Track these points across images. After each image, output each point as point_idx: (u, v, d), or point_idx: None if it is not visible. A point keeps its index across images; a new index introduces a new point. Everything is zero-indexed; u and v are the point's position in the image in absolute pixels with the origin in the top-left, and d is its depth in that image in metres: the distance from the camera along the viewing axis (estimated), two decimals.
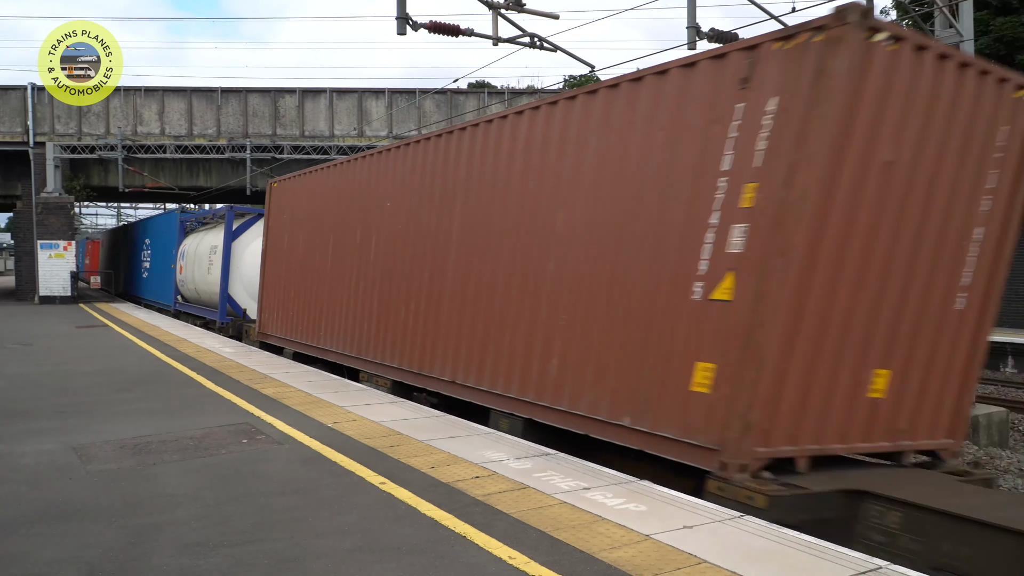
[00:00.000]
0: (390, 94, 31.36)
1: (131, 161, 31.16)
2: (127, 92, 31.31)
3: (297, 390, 11.00)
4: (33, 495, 6.27)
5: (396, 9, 12.62)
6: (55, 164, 30.63)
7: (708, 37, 13.43)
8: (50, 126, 31.00)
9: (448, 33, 13.36)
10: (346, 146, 30.72)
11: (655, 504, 5.88)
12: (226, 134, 31.27)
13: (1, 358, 14.86)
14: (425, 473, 6.76)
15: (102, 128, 31.23)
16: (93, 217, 73.67)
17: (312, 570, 4.73)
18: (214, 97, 31.41)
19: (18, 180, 32.38)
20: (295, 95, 31.40)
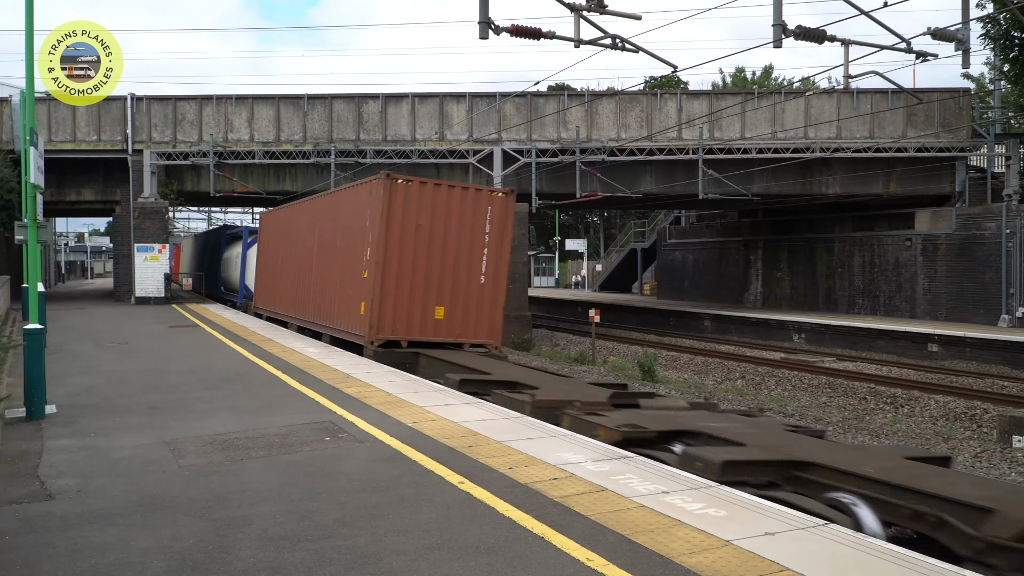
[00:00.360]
0: (471, 98, 31.61)
1: (222, 167, 32.21)
2: (219, 100, 32.39)
3: (378, 390, 11.18)
4: (129, 487, 6.54)
5: (478, 14, 12.70)
6: (151, 170, 31.89)
7: (795, 34, 13.11)
8: (147, 134, 32.30)
9: (530, 36, 13.39)
10: (427, 150, 31.11)
11: (735, 509, 5.76)
12: (312, 139, 32.03)
13: (100, 356, 15.54)
14: (503, 473, 6.78)
15: (195, 135, 32.37)
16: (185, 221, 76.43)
17: (391, 566, 4.79)
18: (301, 104, 32.21)
19: (118, 186, 33.84)
20: (378, 100, 31.95)
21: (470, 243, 16.09)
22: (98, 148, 32.22)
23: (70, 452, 7.73)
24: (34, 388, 9.38)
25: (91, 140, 32.18)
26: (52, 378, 10.95)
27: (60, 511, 5.91)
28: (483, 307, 16.37)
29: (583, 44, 13.53)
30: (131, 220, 32.38)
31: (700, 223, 45.09)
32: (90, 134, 32.18)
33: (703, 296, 41.88)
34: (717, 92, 39.95)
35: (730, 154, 30.48)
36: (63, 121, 31.94)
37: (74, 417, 9.43)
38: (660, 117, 31.26)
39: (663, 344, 29.95)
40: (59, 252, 71.94)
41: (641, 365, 21.94)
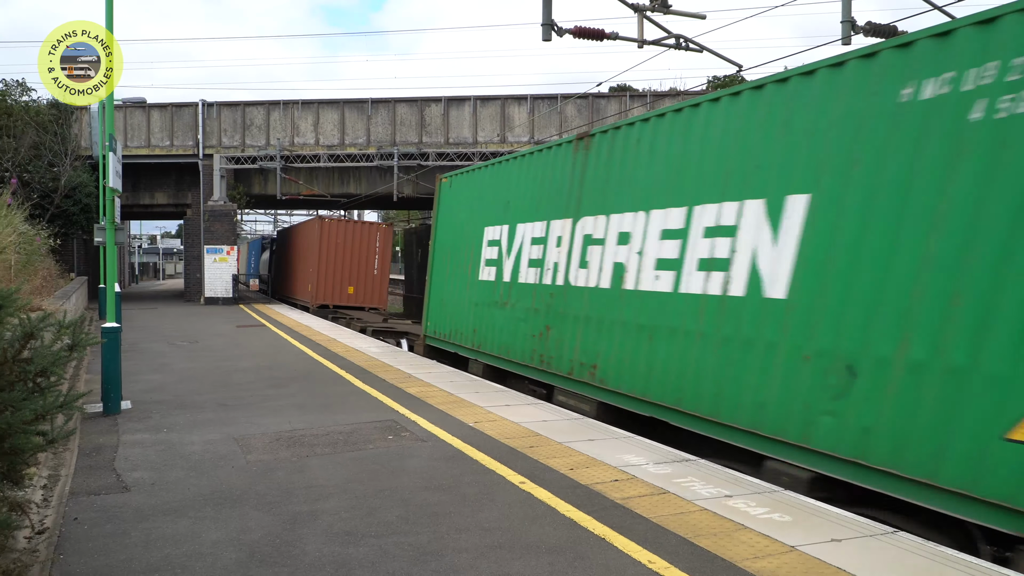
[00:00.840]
0: (532, 100, 31.67)
1: (288, 170, 32.89)
2: (286, 105, 33.08)
3: (440, 390, 11.28)
4: (200, 481, 6.72)
5: (541, 16, 12.71)
6: (221, 174, 32.73)
7: (864, 31, 12.79)
8: (217, 139, 33.17)
9: (593, 38, 13.35)
10: (488, 152, 31.27)
11: (801, 515, 5.66)
12: (375, 143, 32.49)
13: (172, 355, 16.00)
14: (564, 474, 6.78)
15: (263, 140, 33.12)
16: (252, 224, 78.11)
17: (453, 563, 4.83)
18: (364, 108, 32.69)
19: (189, 190, 34.85)
20: (440, 103, 32.24)
21: (364, 254, 30.22)
22: (171, 153, 33.21)
23: (144, 446, 7.98)
24: (111, 384, 9.72)
25: (164, 145, 33.17)
26: (127, 375, 11.31)
27: (135, 503, 6.11)
28: (376, 286, 30.62)
29: (646, 44, 13.42)
30: (201, 222, 33.27)
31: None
32: (163, 140, 33.17)
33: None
34: None
35: None
36: (138, 127, 32.99)
37: (148, 413, 9.74)
38: None
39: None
40: (133, 254, 74.22)
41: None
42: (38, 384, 3.89)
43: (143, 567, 4.81)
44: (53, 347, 4.01)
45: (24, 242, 16.10)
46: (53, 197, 28.55)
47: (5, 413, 3.53)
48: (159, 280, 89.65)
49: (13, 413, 3.54)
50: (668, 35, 13.76)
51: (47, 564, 4.80)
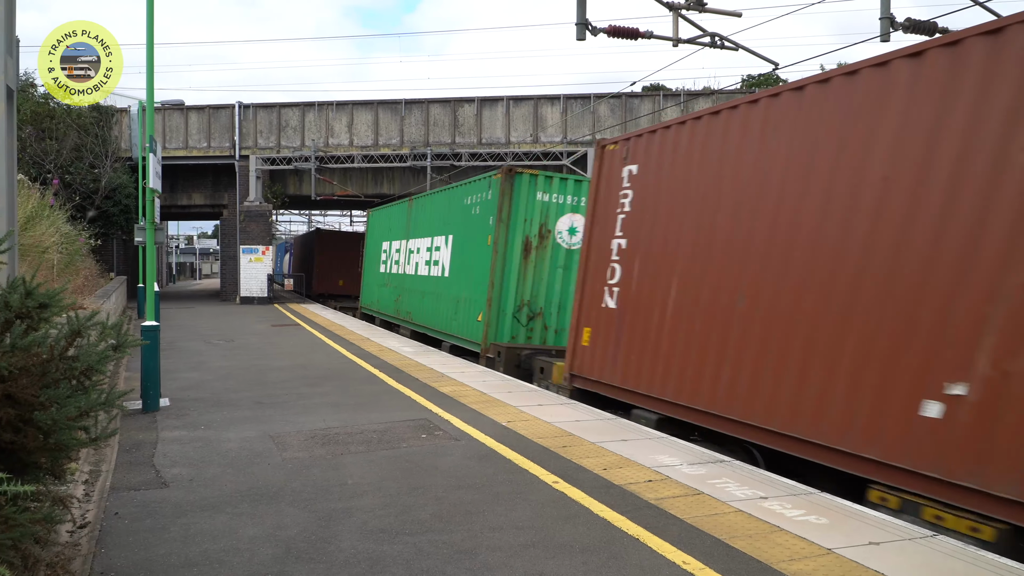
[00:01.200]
0: (565, 100, 31.64)
1: (322, 171, 33.19)
2: (320, 107, 33.39)
3: (472, 389, 11.31)
4: (236, 477, 6.81)
5: (576, 15, 12.70)
6: (256, 175, 33.13)
7: (903, 27, 12.60)
8: (253, 140, 33.56)
9: (627, 37, 13.31)
10: (521, 152, 31.30)
11: (837, 517, 5.60)
12: (408, 143, 32.67)
13: (209, 353, 16.22)
14: (597, 474, 6.77)
15: (298, 141, 33.46)
16: (287, 224, 78.91)
17: (487, 562, 4.85)
18: (398, 109, 32.88)
19: (225, 190, 35.32)
20: (473, 104, 32.33)
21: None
22: (208, 154, 33.66)
23: (182, 443, 8.10)
24: (150, 382, 9.88)
25: (201, 147, 33.63)
26: (165, 373, 11.49)
27: (174, 498, 6.21)
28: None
29: (681, 43, 13.36)
30: (237, 223, 33.68)
31: None
32: (200, 141, 33.63)
33: None
34: None
35: None
36: (176, 129, 33.49)
37: (185, 410, 9.88)
38: None
39: None
40: (170, 254, 75.34)
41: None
42: (82, 382, 3.98)
43: (182, 561, 4.89)
44: (98, 346, 4.09)
45: (66, 242, 16.42)
46: (94, 198, 29.09)
47: (51, 409, 3.62)
48: (196, 280, 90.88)
49: (58, 409, 3.62)
50: (703, 33, 13.68)
51: (89, 557, 4.90)
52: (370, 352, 16.12)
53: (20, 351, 3.66)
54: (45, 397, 3.65)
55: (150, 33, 9.71)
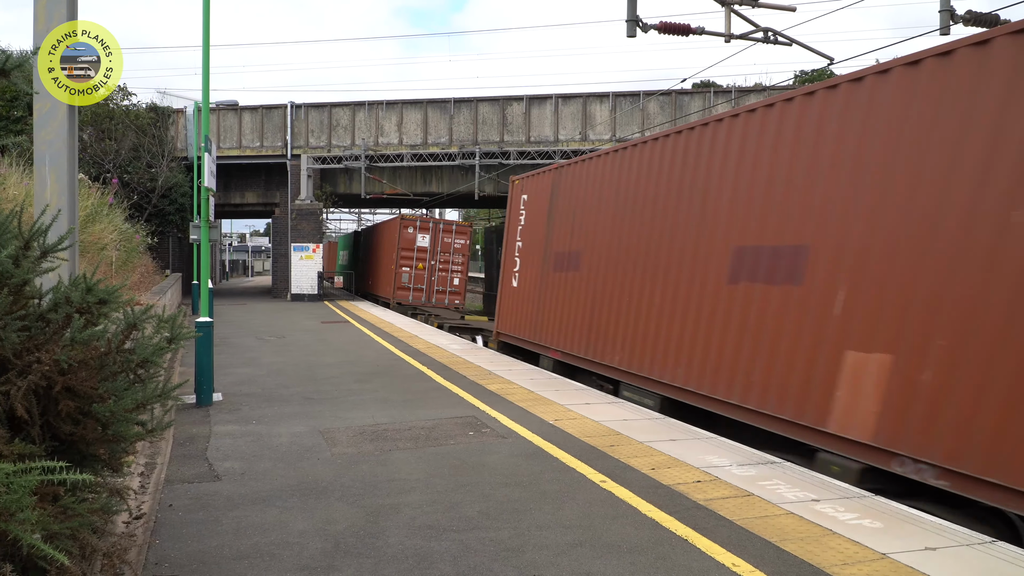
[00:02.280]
0: (614, 97, 31.46)
1: (372, 170, 33.50)
2: (370, 106, 33.70)
3: (519, 387, 11.31)
4: (286, 472, 6.91)
5: (626, 12, 12.60)
6: (308, 174, 33.56)
7: (964, 20, 12.26)
8: (304, 139, 34.01)
9: (679, 33, 13.16)
10: (569, 150, 31.21)
11: (892, 522, 5.47)
12: (457, 142, 32.80)
13: (260, 349, 16.48)
14: (645, 474, 6.72)
15: (348, 140, 33.81)
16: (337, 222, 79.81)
17: (534, 560, 4.84)
18: (447, 107, 33.03)
19: (277, 189, 35.86)
20: (522, 102, 32.33)
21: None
22: (260, 154, 34.21)
23: (234, 437, 8.24)
24: (203, 377, 10.07)
25: (254, 146, 34.19)
26: (218, 368, 11.71)
27: (226, 492, 6.31)
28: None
29: (733, 39, 13.17)
30: (288, 221, 34.17)
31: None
32: (254, 141, 34.19)
33: None
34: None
35: None
36: (230, 129, 34.09)
37: (238, 405, 10.05)
38: None
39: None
40: (224, 251, 76.74)
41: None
42: (139, 375, 4.06)
43: (234, 554, 4.97)
44: (153, 340, 4.18)
45: (124, 240, 16.82)
46: (151, 197, 29.76)
47: (109, 401, 3.70)
48: (248, 277, 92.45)
49: (116, 401, 3.70)
50: (756, 28, 13.47)
51: (144, 548, 5.00)
52: (418, 349, 16.22)
53: (80, 345, 3.75)
54: (104, 389, 3.74)
55: (206, 36, 9.89)
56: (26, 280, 3.71)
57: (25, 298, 3.77)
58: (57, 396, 3.60)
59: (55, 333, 3.78)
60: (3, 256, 3.56)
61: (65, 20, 5.78)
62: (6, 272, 3.54)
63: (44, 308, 3.92)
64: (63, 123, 5.77)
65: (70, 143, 5.89)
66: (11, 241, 3.72)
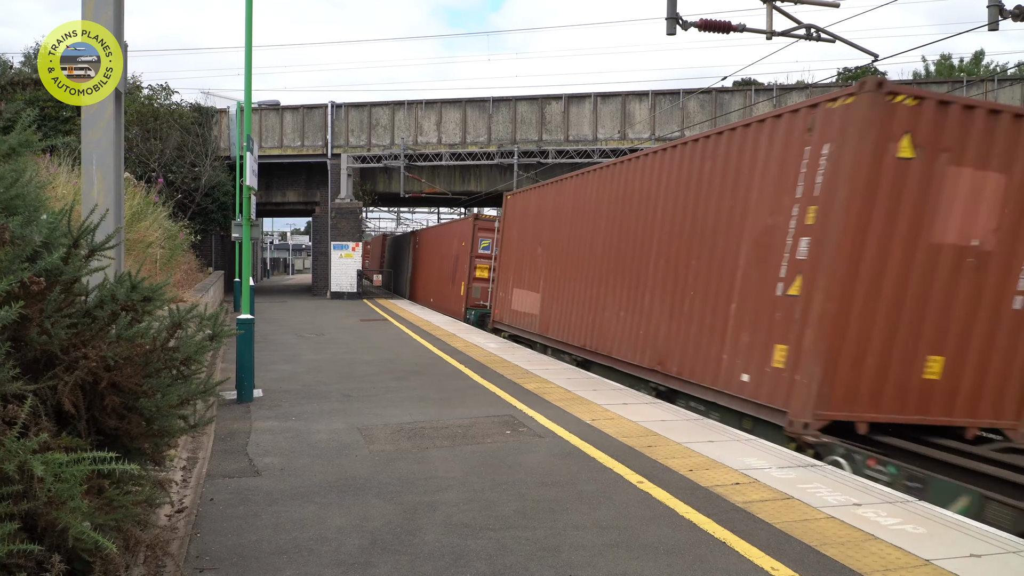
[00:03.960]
0: (653, 96, 31.28)
1: (411, 169, 33.70)
2: (410, 105, 33.90)
3: (557, 386, 11.30)
4: (325, 468, 6.98)
5: (666, 9, 12.52)
6: (347, 173, 33.87)
7: (1013, 15, 11.96)
8: (345, 139, 34.33)
9: (719, 30, 13.04)
10: (608, 149, 31.10)
11: (936, 527, 5.37)
12: (496, 141, 32.86)
13: (299, 346, 16.66)
14: (683, 475, 6.67)
15: (387, 139, 34.06)
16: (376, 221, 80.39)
17: (570, 560, 4.83)
18: (486, 107, 33.10)
19: (317, 188, 36.26)
20: (561, 101, 32.29)
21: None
22: (301, 153, 34.60)
23: (274, 433, 8.34)
24: (244, 373, 10.20)
25: (295, 146, 34.59)
26: (259, 365, 11.85)
27: (265, 487, 6.39)
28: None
29: (775, 36, 13.02)
30: (328, 220, 34.51)
31: None
32: (295, 140, 34.59)
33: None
34: (920, 81, 37.29)
35: None
36: (272, 129, 34.52)
37: (278, 401, 10.17)
38: None
39: None
40: (265, 250, 77.70)
41: None
42: (182, 372, 4.13)
43: (272, 548, 5.03)
44: (196, 337, 4.24)
45: (168, 238, 17.12)
46: (194, 195, 30.24)
47: (156, 396, 3.77)
48: (289, 275, 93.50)
49: (161, 397, 3.78)
50: (798, 25, 13.30)
51: (185, 541, 5.09)
52: (456, 348, 16.28)
53: (125, 342, 3.83)
54: (148, 385, 3.81)
55: (248, 37, 10.02)
56: (75, 278, 3.80)
57: (73, 295, 3.85)
58: (103, 391, 3.68)
59: (101, 330, 3.86)
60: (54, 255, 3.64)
61: (112, 22, 5.89)
62: (56, 270, 3.62)
63: (90, 305, 4.00)
64: (110, 123, 5.88)
65: (116, 143, 6.00)
66: (61, 239, 3.81)
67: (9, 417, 2.86)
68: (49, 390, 3.53)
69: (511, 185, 32.25)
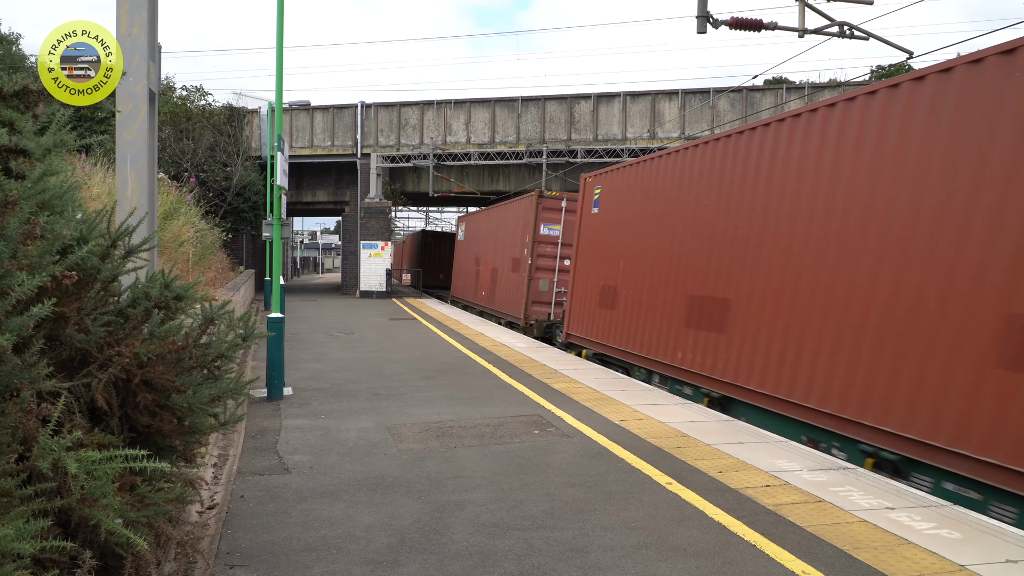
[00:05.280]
0: (683, 95, 31.09)
1: (440, 168, 33.79)
2: (439, 105, 33.99)
3: (585, 386, 11.26)
4: (353, 466, 7.01)
5: (697, 8, 12.42)
6: (377, 172, 34.03)
7: None
8: (374, 138, 34.49)
9: (750, 28, 12.92)
10: (637, 148, 30.97)
11: (972, 532, 5.28)
12: (524, 140, 32.84)
13: (329, 345, 16.77)
14: (712, 477, 6.62)
15: (417, 139, 34.17)
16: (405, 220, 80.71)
17: (598, 561, 4.81)
18: (515, 106, 33.10)
19: (347, 187, 36.48)
20: (590, 100, 32.20)
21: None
22: (331, 153, 34.82)
23: (304, 431, 8.40)
24: (275, 372, 10.28)
25: (325, 146, 34.81)
26: (289, 363, 11.95)
27: (295, 484, 6.44)
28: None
29: (807, 34, 12.88)
30: (357, 219, 34.71)
31: None
32: (325, 140, 34.81)
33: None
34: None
35: None
36: (302, 129, 34.78)
37: (307, 399, 10.24)
38: None
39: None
40: (295, 249, 78.29)
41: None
42: (213, 369, 4.17)
43: (302, 546, 5.06)
44: (228, 336, 4.28)
45: (200, 237, 17.31)
46: (225, 195, 30.55)
47: (187, 394, 3.81)
48: (318, 274, 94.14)
49: (193, 394, 3.81)
50: (831, 23, 13.14)
51: (216, 538, 5.13)
52: (484, 347, 16.29)
53: (158, 339, 3.87)
54: (180, 383, 3.85)
55: (280, 38, 10.11)
56: (114, 277, 3.85)
57: (108, 294, 3.90)
58: (136, 388, 3.72)
59: (134, 328, 3.90)
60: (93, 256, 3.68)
61: (147, 24, 5.97)
62: (93, 268, 3.67)
63: (124, 303, 4.05)
64: (144, 124, 5.95)
65: (150, 143, 6.07)
66: (99, 240, 3.86)
67: (43, 415, 2.89)
68: (83, 387, 3.57)
69: (539, 185, 32.18)
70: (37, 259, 3.17)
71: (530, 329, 21.41)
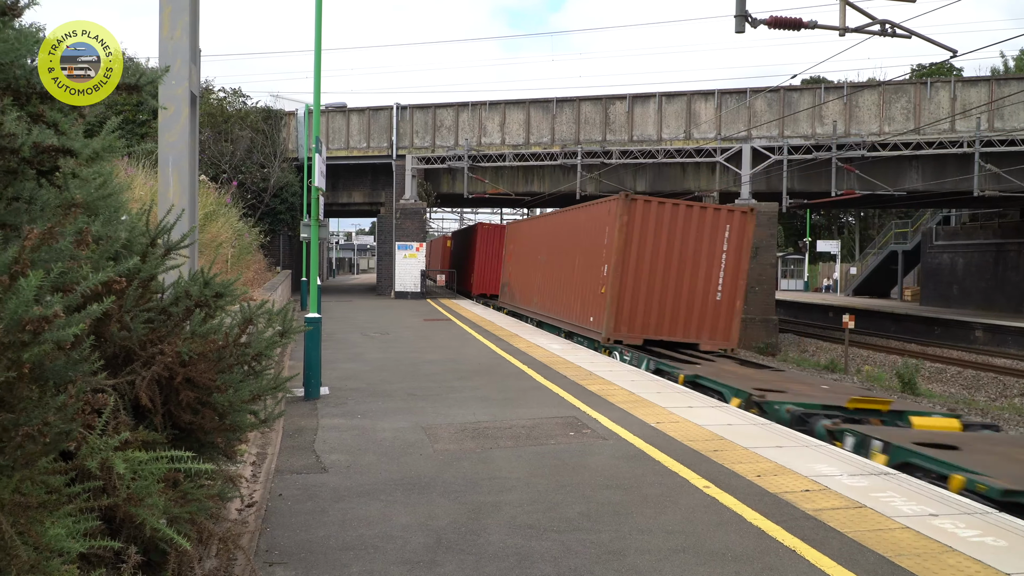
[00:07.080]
0: (719, 95, 30.84)
1: (475, 169, 33.86)
2: (474, 106, 34.06)
3: (620, 388, 11.21)
4: (390, 466, 7.04)
5: (735, 7, 12.30)
6: (412, 174, 34.19)
7: None
8: (409, 140, 34.67)
9: (790, 27, 12.76)
10: (673, 149, 30.80)
11: (1018, 540, 5.16)
12: (559, 141, 32.80)
13: (365, 345, 16.87)
14: (751, 481, 6.55)
15: (451, 140, 34.28)
16: (439, 221, 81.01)
17: (635, 565, 4.78)
18: (549, 107, 33.07)
19: (383, 189, 36.69)
20: (625, 101, 32.06)
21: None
22: (367, 154, 35.06)
23: (340, 431, 8.46)
24: (312, 371, 10.37)
25: (361, 147, 35.06)
26: (325, 363, 12.03)
27: (332, 483, 6.48)
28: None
29: (848, 32, 12.69)
30: (393, 220, 34.90)
31: (974, 223, 40.99)
32: (360, 142, 35.06)
33: (974, 303, 38.02)
34: (999, 77, 35.91)
35: (1013, 146, 27.42)
36: (338, 131, 35.06)
37: (344, 399, 10.32)
38: (930, 108, 28.76)
39: (926, 355, 26.94)
40: (331, 249, 78.93)
41: (900, 376, 20.36)
42: (253, 367, 4.21)
43: (339, 544, 5.09)
44: (266, 334, 4.32)
45: (238, 238, 17.51)
46: (263, 196, 30.89)
47: (228, 391, 3.85)
48: (354, 274, 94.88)
49: (233, 392, 3.85)
50: (872, 21, 12.94)
51: (255, 535, 5.18)
52: (519, 348, 16.29)
53: (199, 337, 3.92)
54: (221, 381, 3.89)
55: (318, 41, 10.19)
56: (152, 275, 3.90)
57: (150, 293, 3.96)
58: (178, 386, 3.77)
59: (176, 326, 3.95)
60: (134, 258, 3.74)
61: (188, 28, 6.05)
62: (134, 267, 3.72)
63: (166, 302, 4.11)
64: (185, 127, 6.03)
65: (192, 145, 6.15)
66: (139, 238, 3.92)
67: (98, 405, 2.94)
68: (127, 385, 3.63)
69: (574, 186, 32.14)
70: (97, 261, 3.22)
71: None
